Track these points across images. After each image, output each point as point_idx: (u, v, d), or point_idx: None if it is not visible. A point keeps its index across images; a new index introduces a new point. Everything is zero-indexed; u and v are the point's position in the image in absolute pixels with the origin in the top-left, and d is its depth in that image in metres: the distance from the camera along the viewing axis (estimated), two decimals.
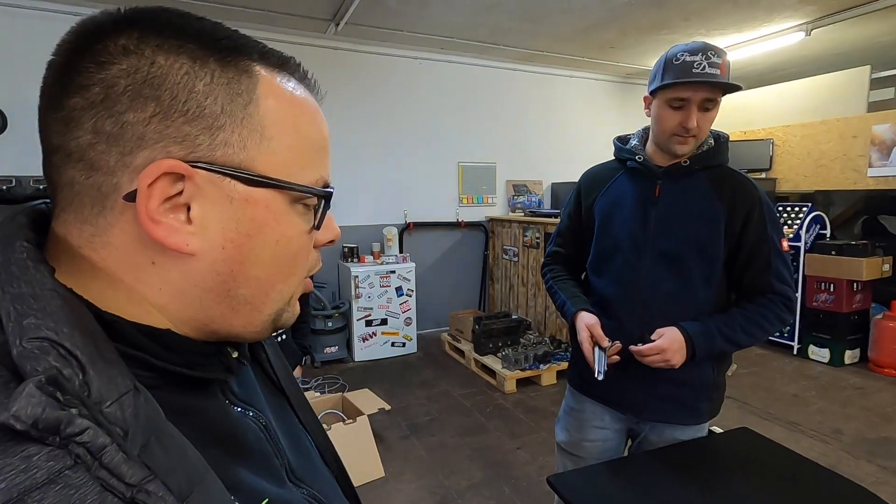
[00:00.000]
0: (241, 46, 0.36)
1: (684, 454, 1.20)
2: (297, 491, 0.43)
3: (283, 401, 0.52)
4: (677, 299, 1.25)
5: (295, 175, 0.38)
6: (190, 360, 0.37)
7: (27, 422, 0.24)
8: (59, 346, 0.28)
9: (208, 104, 0.34)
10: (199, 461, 0.32)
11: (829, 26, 4.01)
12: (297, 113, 0.39)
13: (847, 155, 4.20)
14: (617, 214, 1.33)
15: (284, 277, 0.40)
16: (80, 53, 0.32)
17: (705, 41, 1.16)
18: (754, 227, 1.21)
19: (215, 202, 0.35)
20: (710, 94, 1.15)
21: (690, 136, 1.19)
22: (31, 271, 0.31)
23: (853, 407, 3.25)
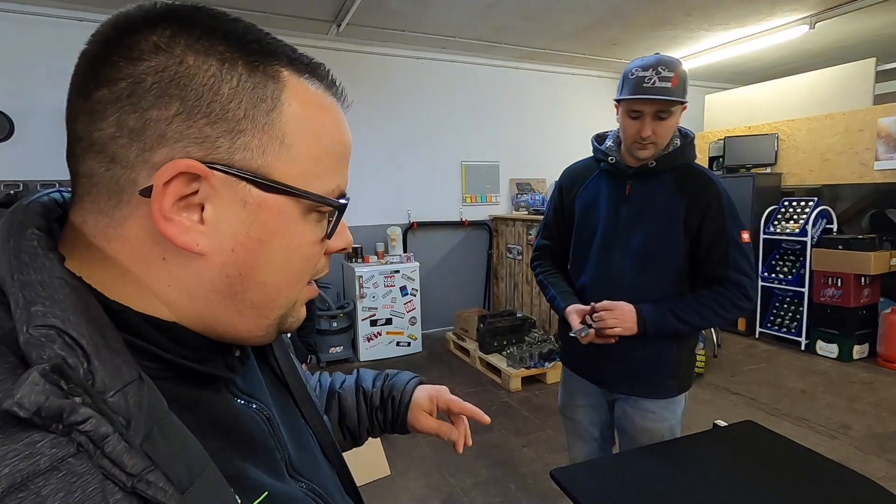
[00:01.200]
0: (271, 51, 0.36)
1: (688, 447, 1.20)
2: (297, 485, 0.44)
3: (286, 395, 0.52)
4: (643, 292, 1.35)
5: (311, 184, 0.38)
6: (196, 355, 0.37)
7: (30, 409, 0.25)
8: (66, 334, 0.28)
9: (232, 108, 0.34)
10: (201, 453, 0.32)
11: (834, 19, 3.98)
12: (321, 121, 0.39)
13: (853, 148, 4.17)
14: (593, 211, 1.45)
15: (292, 284, 0.40)
16: (111, 46, 0.32)
17: (660, 55, 1.27)
18: (712, 221, 1.31)
19: (229, 205, 0.35)
20: (661, 106, 1.26)
21: (649, 143, 1.30)
22: (40, 259, 0.31)
23: (862, 402, 3.22)
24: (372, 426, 0.74)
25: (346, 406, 0.73)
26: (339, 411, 0.73)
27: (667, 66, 1.24)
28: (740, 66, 5.43)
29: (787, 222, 4.35)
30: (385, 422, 0.73)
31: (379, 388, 0.74)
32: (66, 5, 3.32)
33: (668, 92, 1.23)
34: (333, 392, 0.74)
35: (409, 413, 0.72)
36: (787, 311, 4.43)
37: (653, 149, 1.32)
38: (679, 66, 1.26)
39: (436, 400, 0.74)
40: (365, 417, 0.73)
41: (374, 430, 0.74)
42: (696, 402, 3.21)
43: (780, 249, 4.52)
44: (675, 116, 1.30)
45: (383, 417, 0.73)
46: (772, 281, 4.46)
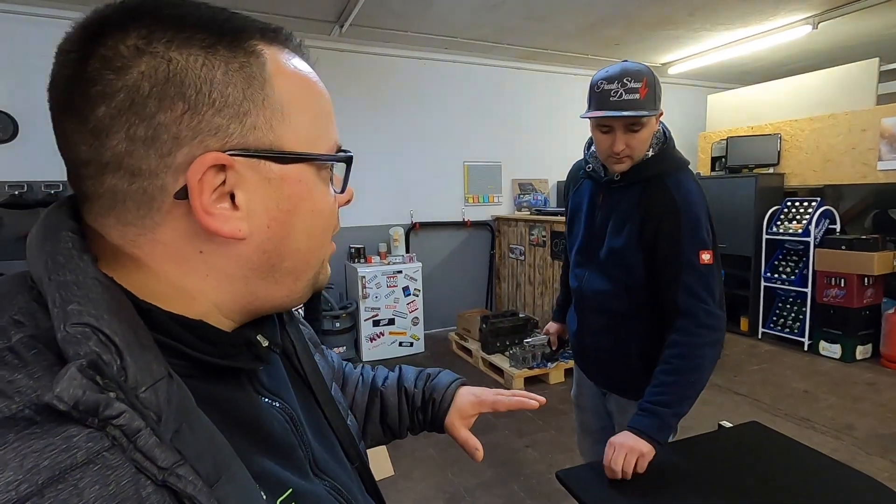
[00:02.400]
0: (243, 27, 0.36)
1: (693, 448, 1.20)
2: (320, 483, 0.44)
3: (308, 394, 0.53)
4: (601, 296, 1.37)
5: (316, 146, 0.39)
6: (222, 351, 0.38)
7: (69, 403, 0.25)
8: (100, 331, 0.29)
9: (230, 92, 0.34)
10: (227, 449, 0.33)
11: (837, 19, 3.97)
12: (305, 86, 0.40)
13: (856, 149, 4.16)
14: (577, 216, 1.47)
15: (321, 244, 0.42)
16: (89, 61, 0.32)
17: (626, 63, 1.21)
18: (666, 240, 1.22)
19: (256, 185, 0.36)
20: (631, 119, 1.20)
21: (624, 156, 1.25)
22: (75, 260, 0.32)
23: (865, 402, 3.22)
24: (413, 425, 0.75)
25: (389, 405, 0.74)
26: (381, 409, 0.74)
27: (633, 77, 1.17)
28: (743, 66, 5.42)
29: (790, 222, 4.34)
30: (425, 422, 0.74)
31: (421, 388, 0.75)
32: (70, 6, 3.33)
33: (636, 105, 1.17)
34: (376, 390, 0.75)
35: (447, 416, 0.73)
36: (790, 312, 4.42)
37: (629, 162, 1.27)
38: (646, 75, 1.19)
39: (479, 405, 0.73)
40: (406, 417, 0.74)
41: (414, 429, 0.75)
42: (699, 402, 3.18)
43: (783, 250, 4.52)
44: (650, 126, 1.23)
45: (423, 418, 0.74)
46: (774, 281, 4.46)
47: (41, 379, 0.27)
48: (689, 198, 1.24)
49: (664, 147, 1.31)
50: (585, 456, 1.70)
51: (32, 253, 0.33)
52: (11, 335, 0.29)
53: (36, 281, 0.32)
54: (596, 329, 1.44)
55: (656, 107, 1.22)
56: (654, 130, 1.27)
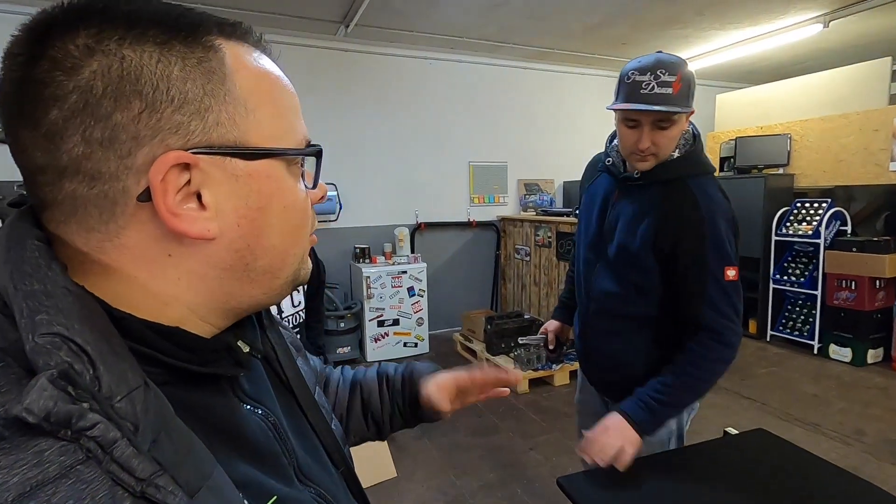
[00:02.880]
0: (198, 22, 0.35)
1: (698, 456, 1.18)
2: (305, 490, 0.44)
3: (291, 399, 0.52)
4: (613, 301, 1.30)
5: (284, 140, 0.38)
6: (201, 357, 0.37)
7: (39, 415, 0.25)
8: (71, 341, 0.28)
9: (190, 88, 0.33)
10: (208, 457, 0.32)
11: (848, 17, 3.91)
12: (268, 81, 0.38)
13: (868, 149, 4.10)
14: (588, 211, 1.40)
15: (296, 240, 0.41)
16: (38, 63, 0.30)
17: (661, 54, 1.11)
18: (687, 250, 1.15)
19: (222, 183, 0.35)
20: (660, 115, 1.11)
21: (649, 154, 1.17)
22: (43, 269, 0.31)
23: (876, 407, 3.17)
24: (393, 412, 0.74)
25: (370, 390, 0.74)
26: (362, 400, 0.74)
27: (667, 69, 1.08)
28: (752, 65, 5.36)
29: (800, 224, 4.28)
30: (405, 404, 0.74)
31: (400, 373, 0.76)
32: None
33: (667, 100, 1.08)
34: (357, 382, 0.75)
35: (424, 387, 0.73)
36: (800, 314, 4.36)
37: (653, 160, 1.18)
38: (681, 68, 1.10)
39: (456, 378, 0.75)
40: (387, 402, 0.74)
41: (395, 417, 0.74)
42: (706, 406, 3.17)
43: (793, 251, 4.46)
44: (679, 124, 1.14)
45: (402, 402, 0.74)
46: (783, 283, 4.40)
47: (8, 392, 0.26)
48: (715, 207, 1.16)
49: (692, 149, 1.22)
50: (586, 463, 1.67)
51: None
52: None
53: (1, 292, 0.31)
54: (600, 331, 1.38)
55: (689, 104, 1.13)
56: (683, 129, 1.18)
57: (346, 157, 4.32)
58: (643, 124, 1.13)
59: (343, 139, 4.30)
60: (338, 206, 4.27)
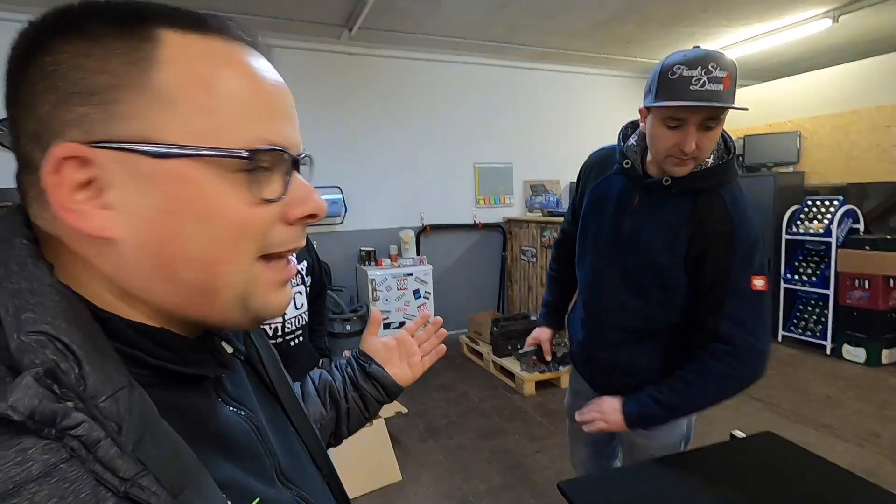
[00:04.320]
0: (145, 14, 0.34)
1: (703, 460, 1.15)
2: (287, 492, 0.43)
3: (275, 403, 0.52)
4: (628, 318, 1.24)
5: (221, 139, 0.34)
6: (184, 357, 0.37)
7: (24, 413, 0.25)
8: (57, 339, 0.28)
9: (101, 79, 0.31)
10: (192, 458, 0.32)
11: (858, 12, 3.84)
12: (212, 72, 0.34)
13: (880, 145, 4.03)
14: (598, 213, 1.30)
15: (227, 256, 0.35)
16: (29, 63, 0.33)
17: (706, 49, 1.02)
18: (714, 261, 1.09)
19: (127, 182, 0.32)
20: (711, 113, 1.01)
21: (690, 159, 1.07)
22: (29, 268, 0.31)
23: (892, 409, 3.10)
24: (345, 381, 0.75)
25: (321, 371, 0.77)
26: (316, 380, 0.76)
27: (717, 64, 0.98)
28: (761, 62, 5.29)
29: (811, 222, 4.22)
30: (354, 372, 0.75)
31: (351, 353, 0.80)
32: None
33: (721, 97, 0.98)
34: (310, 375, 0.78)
35: (362, 343, 0.78)
36: (812, 314, 4.29)
37: (692, 164, 1.08)
38: (731, 63, 1.00)
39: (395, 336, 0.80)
40: (338, 374, 0.76)
41: (348, 387, 0.75)
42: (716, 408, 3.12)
43: (804, 250, 4.39)
44: (722, 125, 1.06)
45: (353, 370, 0.76)
46: (795, 283, 4.33)
47: None
48: (746, 217, 1.10)
49: (728, 160, 1.13)
50: (578, 468, 1.62)
51: None
52: None
53: None
54: (612, 342, 1.30)
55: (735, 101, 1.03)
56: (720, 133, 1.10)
57: (350, 160, 4.33)
58: (689, 124, 1.02)
59: (347, 142, 4.31)
60: (343, 210, 4.28)
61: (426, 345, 0.81)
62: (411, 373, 0.78)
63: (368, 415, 0.75)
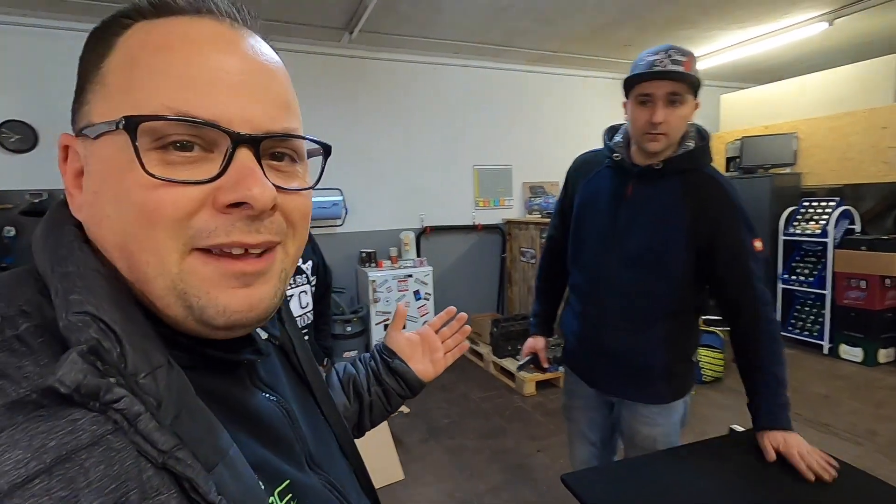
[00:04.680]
0: (123, 11, 0.37)
1: (703, 452, 1.18)
2: (316, 477, 0.45)
3: (305, 391, 0.53)
4: (633, 295, 1.32)
5: (125, 110, 0.32)
6: (219, 343, 0.38)
7: (71, 386, 0.26)
8: (99, 320, 0.30)
9: (80, 76, 0.37)
10: (225, 437, 0.33)
11: (853, 15, 3.89)
12: (140, 49, 0.33)
13: (876, 147, 4.06)
14: (592, 208, 1.40)
15: (143, 243, 0.33)
16: None
17: (670, 44, 1.20)
18: (727, 235, 1.21)
19: (87, 165, 0.36)
20: (673, 87, 1.17)
21: (660, 134, 1.20)
22: (77, 253, 0.33)
23: (889, 408, 3.13)
24: (368, 374, 0.76)
25: (346, 364, 0.78)
26: (341, 372, 0.77)
27: (678, 51, 1.17)
28: (757, 64, 5.34)
29: (808, 223, 4.25)
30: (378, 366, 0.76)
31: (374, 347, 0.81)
32: (89, 19, 3.42)
33: (680, 74, 1.16)
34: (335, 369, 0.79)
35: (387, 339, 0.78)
36: (809, 314, 4.32)
37: (664, 140, 1.22)
38: (691, 53, 1.19)
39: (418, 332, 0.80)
40: (362, 368, 0.77)
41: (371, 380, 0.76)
42: (715, 407, 3.15)
43: (801, 251, 4.42)
44: (689, 106, 1.21)
45: (376, 364, 0.76)
46: (792, 283, 4.37)
47: (47, 366, 0.28)
48: (734, 190, 1.25)
49: (705, 145, 1.29)
50: (580, 467, 1.61)
51: (38, 246, 0.35)
52: (19, 324, 0.30)
53: (41, 273, 0.34)
54: (620, 330, 1.35)
55: (699, 85, 1.20)
56: (690, 116, 1.24)
57: (351, 162, 4.35)
58: (657, 99, 1.19)
59: (348, 145, 4.33)
60: (343, 211, 4.30)
61: (449, 341, 0.81)
62: (434, 369, 0.78)
63: (391, 408, 0.76)
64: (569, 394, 1.59)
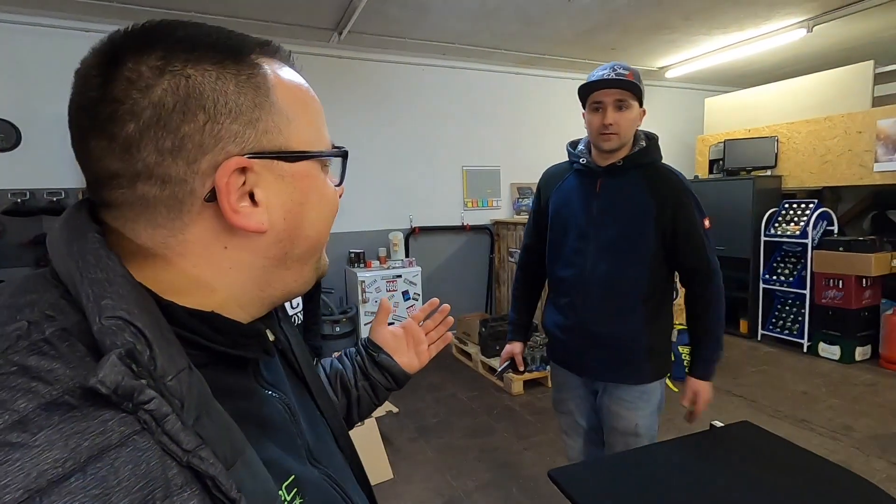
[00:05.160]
0: (244, 44, 0.40)
1: (685, 447, 1.22)
2: (315, 471, 0.47)
3: (302, 387, 0.55)
4: (612, 279, 1.47)
5: (317, 144, 0.44)
6: (233, 340, 0.40)
7: (111, 387, 0.28)
8: (132, 325, 0.31)
9: (242, 101, 0.38)
10: (240, 435, 0.35)
11: (832, 22, 4.00)
12: (301, 93, 0.44)
13: (853, 150, 4.18)
14: (566, 208, 1.56)
15: (326, 230, 0.47)
16: (114, 83, 0.35)
17: (616, 61, 1.42)
18: (685, 219, 1.43)
19: (272, 183, 0.40)
20: (619, 94, 1.38)
21: (612, 134, 1.40)
22: (104, 259, 0.34)
23: (864, 404, 3.22)
24: (355, 369, 0.78)
25: (332, 360, 0.80)
26: (328, 367, 0.79)
27: (622, 66, 1.39)
28: (739, 69, 5.45)
29: (788, 224, 4.36)
30: (364, 361, 0.78)
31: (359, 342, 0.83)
32: (73, 17, 3.37)
33: (624, 82, 1.36)
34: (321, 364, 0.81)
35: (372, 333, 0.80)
36: (789, 314, 4.43)
37: (616, 140, 1.41)
38: (634, 70, 1.40)
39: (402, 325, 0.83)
40: (348, 362, 0.79)
41: (358, 375, 0.78)
42: None
43: (781, 252, 4.53)
44: (634, 111, 1.41)
45: (362, 358, 0.78)
46: (773, 283, 4.47)
47: (76, 368, 0.30)
48: (684, 177, 1.48)
49: (653, 143, 1.51)
50: (575, 459, 1.71)
51: (60, 252, 0.36)
52: (45, 328, 0.31)
53: (63, 279, 0.35)
54: (604, 314, 1.49)
55: (641, 94, 1.40)
56: (637, 121, 1.44)
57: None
58: (607, 105, 1.39)
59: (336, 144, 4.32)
60: None
61: (433, 333, 0.85)
62: (418, 361, 0.81)
63: (378, 401, 0.78)
64: (558, 388, 1.70)
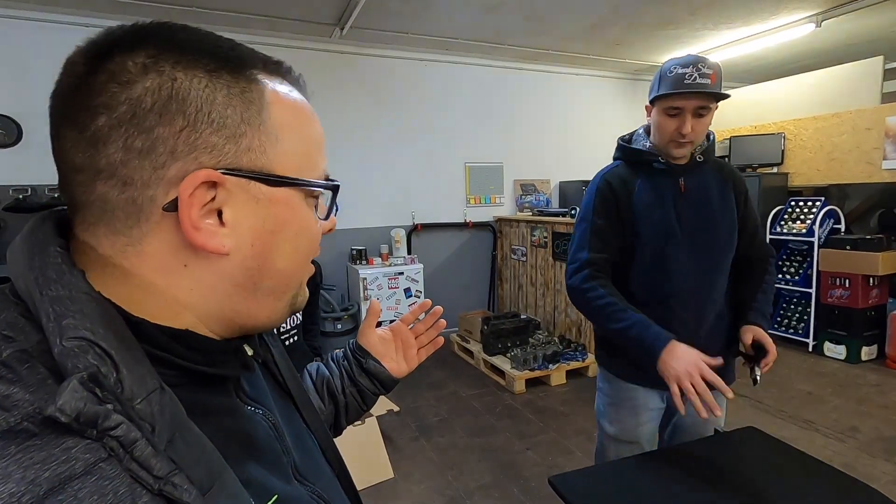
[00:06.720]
0: (246, 57, 0.38)
1: (689, 453, 1.19)
2: (302, 488, 0.45)
3: (288, 401, 0.53)
4: (718, 284, 1.40)
5: (305, 172, 0.41)
6: (210, 359, 0.38)
7: (71, 415, 0.26)
8: (96, 345, 0.29)
9: (229, 114, 0.35)
10: (218, 457, 0.33)
11: (841, 17, 3.94)
12: (300, 116, 0.41)
13: (861, 147, 4.12)
14: (653, 214, 1.37)
15: (301, 265, 0.43)
16: (96, 74, 0.33)
17: (697, 55, 1.27)
18: (747, 206, 1.43)
19: (244, 204, 0.37)
20: (701, 102, 1.26)
21: (687, 142, 1.31)
22: (66, 276, 0.32)
23: (870, 404, 3.19)
24: (342, 375, 0.76)
25: (318, 365, 0.78)
26: (314, 374, 0.77)
27: (705, 64, 1.25)
28: (746, 65, 5.39)
29: (794, 222, 4.31)
30: (351, 366, 0.76)
31: (346, 346, 0.80)
32: (73, 12, 3.36)
33: (709, 87, 1.24)
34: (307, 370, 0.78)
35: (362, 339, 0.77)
36: (794, 312, 4.39)
37: (689, 147, 1.34)
38: (716, 64, 1.27)
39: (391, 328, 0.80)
40: (335, 368, 0.77)
41: (345, 381, 0.75)
42: None
43: (787, 250, 4.48)
44: (711, 115, 1.32)
45: (349, 364, 0.76)
46: (778, 282, 4.42)
47: (36, 392, 0.28)
48: None
49: (713, 142, 1.46)
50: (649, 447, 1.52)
51: (19, 268, 0.34)
52: (2, 350, 0.29)
53: (23, 296, 0.33)
54: (710, 324, 1.40)
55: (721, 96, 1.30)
56: (711, 121, 1.35)
57: (341, 159, 4.33)
58: (686, 112, 1.27)
59: (338, 141, 4.31)
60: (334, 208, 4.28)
61: (423, 337, 0.82)
62: (407, 365, 0.79)
63: (366, 407, 0.76)
64: (632, 415, 1.44)
